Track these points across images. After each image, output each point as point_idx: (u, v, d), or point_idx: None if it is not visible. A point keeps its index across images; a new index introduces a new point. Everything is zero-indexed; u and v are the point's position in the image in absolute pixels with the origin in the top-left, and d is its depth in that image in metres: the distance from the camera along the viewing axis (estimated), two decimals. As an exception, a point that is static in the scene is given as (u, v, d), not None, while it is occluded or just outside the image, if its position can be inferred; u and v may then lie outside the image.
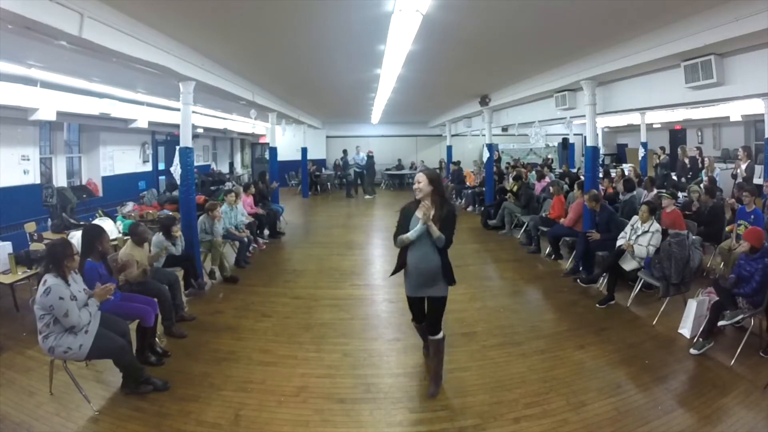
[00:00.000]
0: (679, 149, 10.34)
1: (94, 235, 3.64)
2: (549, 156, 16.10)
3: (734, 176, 7.73)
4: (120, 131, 9.93)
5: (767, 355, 3.64)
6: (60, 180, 8.59)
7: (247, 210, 7.47)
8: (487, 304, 5.00)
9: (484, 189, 11.04)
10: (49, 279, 2.92)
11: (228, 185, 8.25)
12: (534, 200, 8.36)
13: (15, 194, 7.17)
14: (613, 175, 9.38)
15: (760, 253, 3.73)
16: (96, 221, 6.69)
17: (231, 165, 18.47)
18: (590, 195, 5.81)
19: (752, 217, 5.25)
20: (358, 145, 15.93)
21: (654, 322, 4.38)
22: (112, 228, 6.44)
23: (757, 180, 7.08)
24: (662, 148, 10.38)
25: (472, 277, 5.99)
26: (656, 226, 4.88)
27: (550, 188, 7.85)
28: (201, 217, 5.96)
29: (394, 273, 3.27)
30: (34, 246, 5.56)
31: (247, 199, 7.86)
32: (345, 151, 15.83)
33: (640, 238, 4.88)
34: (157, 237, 4.97)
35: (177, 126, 6.20)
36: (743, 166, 7.53)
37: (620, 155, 16.38)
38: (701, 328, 3.86)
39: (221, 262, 5.92)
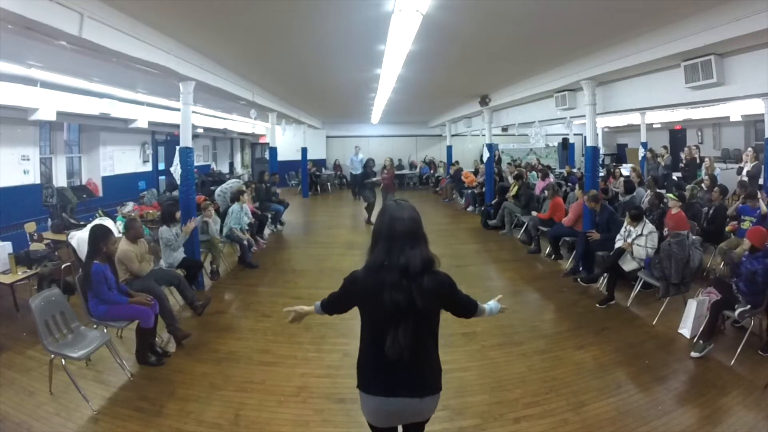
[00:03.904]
0: (686, 149, 10.28)
1: (100, 236, 3.61)
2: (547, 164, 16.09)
3: (739, 170, 7.74)
4: (120, 131, 9.93)
5: (766, 354, 3.64)
6: (60, 180, 8.59)
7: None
8: (487, 304, 4.99)
9: (484, 189, 11.04)
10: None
11: (233, 182, 8.21)
12: (534, 200, 8.36)
13: (15, 194, 7.17)
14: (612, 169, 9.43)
15: (763, 252, 3.73)
16: (96, 221, 6.69)
17: (231, 165, 18.48)
18: (590, 195, 5.81)
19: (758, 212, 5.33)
20: (357, 146, 14.76)
21: (654, 322, 4.38)
22: (112, 228, 6.43)
23: (760, 181, 7.10)
24: (665, 148, 10.36)
25: (472, 277, 5.99)
26: (650, 227, 4.88)
27: (545, 191, 7.85)
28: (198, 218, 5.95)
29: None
30: (34, 246, 5.55)
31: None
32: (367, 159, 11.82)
33: (637, 239, 4.89)
34: (166, 231, 5.00)
35: (177, 126, 6.20)
36: (749, 166, 7.53)
37: (620, 155, 16.38)
38: (701, 330, 3.86)
39: (218, 261, 5.94)
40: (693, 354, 3.73)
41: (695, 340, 3.86)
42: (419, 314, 1.74)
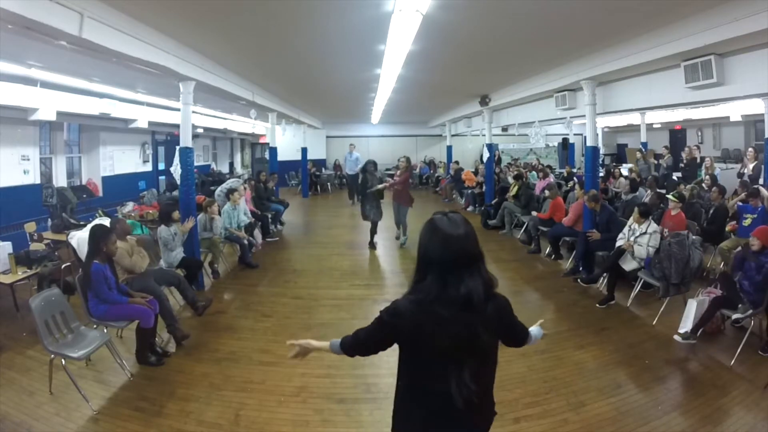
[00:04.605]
0: (687, 149, 10.29)
1: (101, 236, 3.61)
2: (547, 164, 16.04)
3: (740, 175, 7.73)
4: (120, 131, 9.93)
5: (766, 354, 3.64)
6: (60, 180, 8.59)
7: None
8: (487, 304, 4.98)
9: (484, 189, 11.04)
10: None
11: (231, 182, 8.20)
12: (534, 200, 8.37)
13: (15, 194, 7.17)
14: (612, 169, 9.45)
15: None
16: (96, 221, 6.70)
17: (231, 165, 18.48)
18: (590, 195, 5.81)
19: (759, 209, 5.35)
20: (351, 144, 14.15)
21: (654, 322, 4.38)
22: (112, 228, 6.45)
23: (761, 181, 7.09)
24: (666, 147, 10.34)
25: (472, 277, 5.98)
26: (654, 226, 4.88)
27: (546, 191, 7.84)
28: (199, 216, 5.96)
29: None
30: (34, 246, 5.55)
31: (246, 195, 7.80)
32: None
33: (639, 238, 4.88)
34: (164, 231, 5.02)
35: (177, 126, 6.20)
36: (750, 166, 7.52)
37: (620, 155, 16.37)
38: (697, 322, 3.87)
39: (218, 260, 5.95)
40: (675, 337, 3.85)
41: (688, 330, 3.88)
42: (484, 350, 1.48)
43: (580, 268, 5.80)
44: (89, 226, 4.36)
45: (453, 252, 1.44)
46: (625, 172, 9.62)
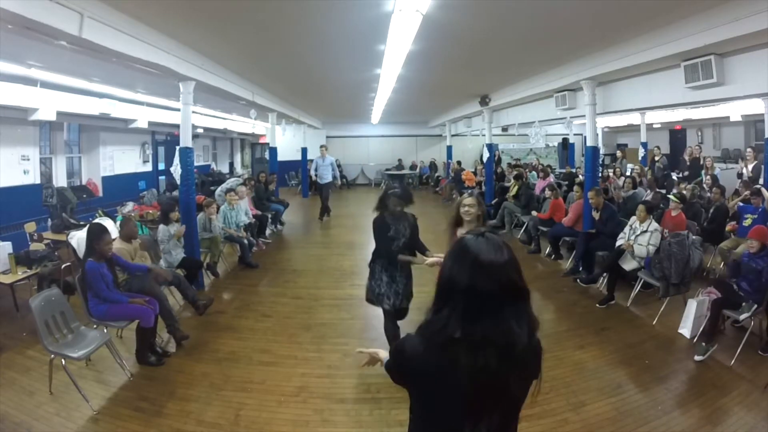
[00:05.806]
0: (688, 149, 10.29)
1: (94, 235, 3.64)
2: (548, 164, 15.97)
3: (740, 175, 7.73)
4: (120, 131, 9.93)
5: (766, 354, 3.64)
6: (60, 180, 8.60)
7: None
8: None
9: (484, 189, 11.04)
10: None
11: (231, 182, 8.18)
12: (534, 200, 8.37)
13: (15, 194, 7.17)
14: (609, 174, 9.48)
15: (766, 251, 3.73)
16: (96, 221, 6.70)
17: (231, 165, 18.49)
18: (594, 190, 5.80)
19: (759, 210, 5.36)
20: (323, 145, 11.25)
21: (654, 322, 4.38)
22: (112, 228, 6.44)
23: (761, 181, 7.09)
24: (658, 147, 10.34)
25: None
26: (655, 225, 4.88)
27: (547, 191, 7.84)
28: (199, 216, 5.96)
29: None
30: (34, 246, 5.55)
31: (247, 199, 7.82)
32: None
33: (639, 237, 4.88)
34: (162, 230, 5.04)
35: (177, 126, 6.20)
36: (750, 167, 7.52)
37: (620, 155, 16.36)
38: (701, 330, 3.85)
39: (218, 260, 5.96)
40: (696, 357, 3.67)
41: (695, 340, 3.85)
42: (511, 405, 1.20)
43: (580, 268, 5.79)
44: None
45: (487, 283, 1.14)
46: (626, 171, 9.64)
